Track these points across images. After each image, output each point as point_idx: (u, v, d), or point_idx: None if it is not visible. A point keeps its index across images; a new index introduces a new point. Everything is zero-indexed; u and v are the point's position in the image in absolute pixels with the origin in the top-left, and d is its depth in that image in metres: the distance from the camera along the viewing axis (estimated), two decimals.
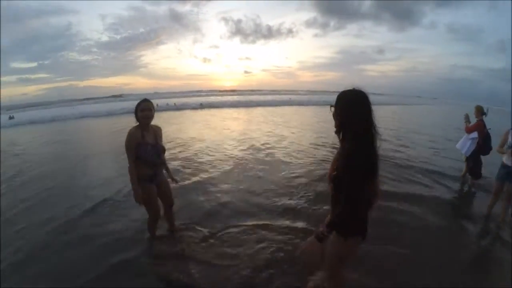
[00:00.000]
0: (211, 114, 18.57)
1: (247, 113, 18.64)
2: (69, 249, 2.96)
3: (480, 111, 4.67)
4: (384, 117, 16.37)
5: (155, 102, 2.94)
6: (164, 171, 2.95)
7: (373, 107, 1.46)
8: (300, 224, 3.34)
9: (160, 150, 2.74)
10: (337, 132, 1.55)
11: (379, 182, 1.68)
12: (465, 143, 4.90)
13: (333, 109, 1.55)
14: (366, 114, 1.47)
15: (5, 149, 9.15)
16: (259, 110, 21.64)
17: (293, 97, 40.97)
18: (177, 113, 19.58)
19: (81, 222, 3.54)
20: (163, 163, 2.87)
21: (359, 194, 1.43)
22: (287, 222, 3.39)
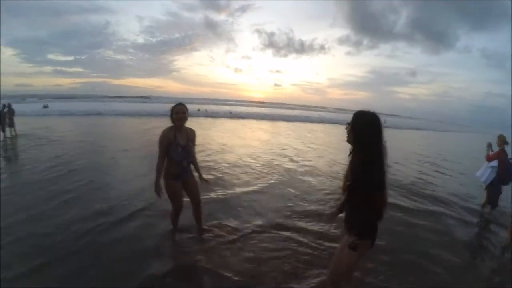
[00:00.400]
0: (242, 124, 19.23)
1: (277, 127, 19.02)
2: (99, 254, 2.80)
3: (503, 140, 4.69)
4: (418, 143, 16.08)
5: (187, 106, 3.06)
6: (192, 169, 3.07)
7: (404, 131, 1.81)
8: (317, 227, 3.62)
9: (190, 151, 2.89)
10: (350, 142, 1.76)
11: (388, 195, 1.78)
12: (485, 172, 4.91)
13: (348, 126, 1.74)
14: (378, 135, 1.67)
15: (45, 135, 10.48)
16: (288, 125, 21.97)
17: (322, 114, 41.01)
18: (208, 120, 20.61)
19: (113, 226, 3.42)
20: (193, 163, 3.04)
21: (371, 205, 1.64)
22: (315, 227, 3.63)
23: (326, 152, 10.11)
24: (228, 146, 9.58)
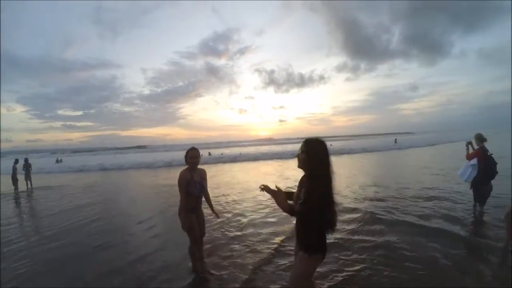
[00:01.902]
0: (250, 167, 18.08)
1: (287, 164, 18.20)
2: None
3: (480, 138, 4.93)
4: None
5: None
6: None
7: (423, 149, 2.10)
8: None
9: (204, 186, 3.36)
10: (302, 168, 1.97)
11: (337, 212, 1.95)
12: (466, 170, 5.09)
13: (301, 153, 1.95)
14: (327, 158, 1.89)
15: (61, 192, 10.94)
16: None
17: (334, 143, 39.69)
18: (219, 166, 19.72)
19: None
20: (206, 198, 3.47)
21: (320, 222, 1.88)
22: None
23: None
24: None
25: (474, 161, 4.95)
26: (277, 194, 1.93)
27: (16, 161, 12.36)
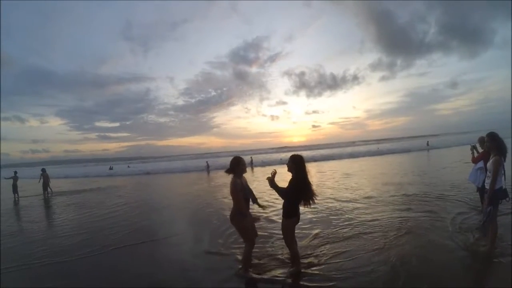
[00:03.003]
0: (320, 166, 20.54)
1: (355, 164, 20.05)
2: None
3: (484, 141, 4.55)
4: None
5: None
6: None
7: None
8: None
9: (251, 190, 3.68)
10: (290, 171, 3.34)
11: (315, 192, 3.34)
12: (476, 175, 5.02)
13: (289, 162, 3.34)
14: (303, 165, 3.28)
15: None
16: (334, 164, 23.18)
17: (380, 146, 41.36)
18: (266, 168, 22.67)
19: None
20: (253, 199, 3.72)
21: (295, 199, 3.29)
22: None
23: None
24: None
25: (480, 164, 4.89)
26: (269, 182, 3.38)
27: (44, 170, 14.08)
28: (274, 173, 3.42)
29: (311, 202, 3.34)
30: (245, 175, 3.63)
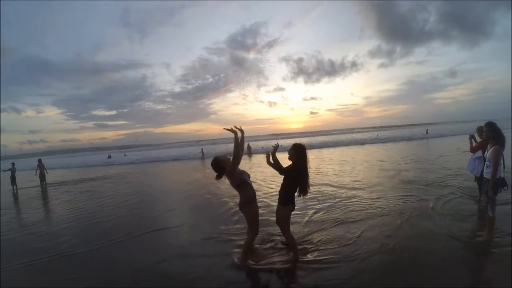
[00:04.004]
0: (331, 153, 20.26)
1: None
2: None
3: (482, 131, 4.58)
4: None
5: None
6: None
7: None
8: None
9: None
10: (290, 159, 3.33)
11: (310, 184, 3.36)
12: (474, 165, 5.09)
13: (290, 150, 3.32)
14: (304, 154, 3.28)
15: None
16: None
17: (358, 135, 40.52)
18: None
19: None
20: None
21: (292, 186, 3.30)
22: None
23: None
24: None
25: (479, 153, 4.99)
26: (268, 156, 3.40)
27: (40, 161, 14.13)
28: (276, 147, 3.48)
29: (305, 192, 3.36)
30: (242, 162, 3.58)
